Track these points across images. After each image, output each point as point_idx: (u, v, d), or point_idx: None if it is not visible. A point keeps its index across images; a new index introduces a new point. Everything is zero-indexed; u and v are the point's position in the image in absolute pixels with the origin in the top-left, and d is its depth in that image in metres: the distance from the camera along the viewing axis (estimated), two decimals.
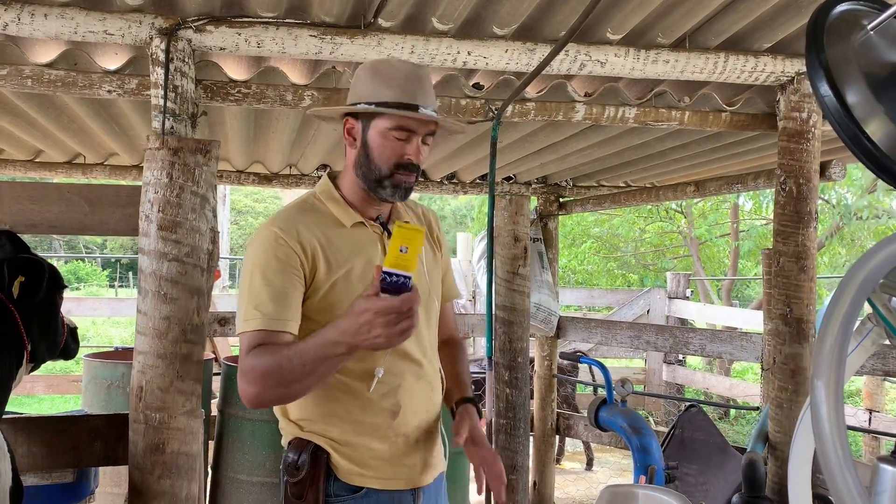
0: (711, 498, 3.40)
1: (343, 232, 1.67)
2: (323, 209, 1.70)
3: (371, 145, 1.65)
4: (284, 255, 1.58)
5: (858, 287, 0.74)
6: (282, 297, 1.56)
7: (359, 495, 1.66)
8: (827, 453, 0.73)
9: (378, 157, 1.64)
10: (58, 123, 3.29)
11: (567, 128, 3.21)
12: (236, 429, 3.87)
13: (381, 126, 1.63)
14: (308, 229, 1.63)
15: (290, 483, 1.64)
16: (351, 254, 1.65)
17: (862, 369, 3.25)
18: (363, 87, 1.66)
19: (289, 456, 1.65)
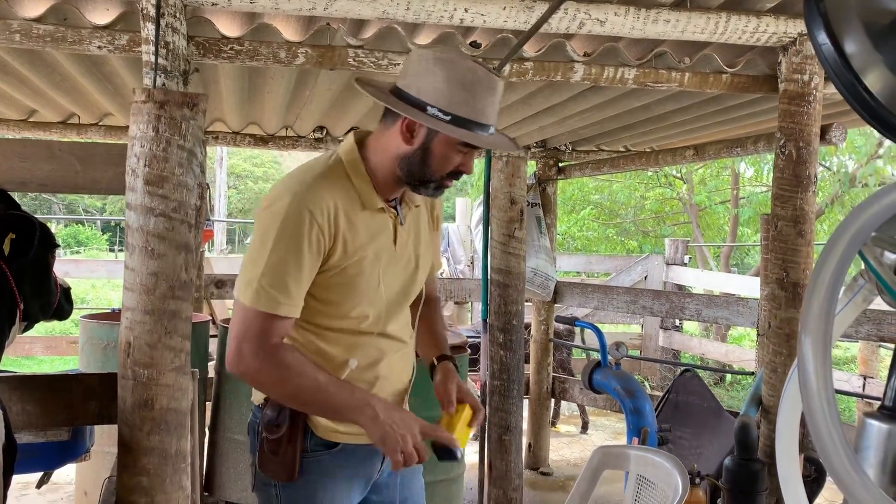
0: (704, 461, 3.43)
1: (364, 215, 1.62)
2: (347, 185, 1.61)
3: (433, 152, 1.58)
4: (315, 239, 1.53)
5: (849, 240, 0.72)
6: (302, 284, 1.54)
7: (335, 450, 1.68)
8: (813, 409, 0.73)
9: (436, 165, 1.59)
10: (50, 82, 3.24)
11: (566, 89, 3.17)
12: (233, 390, 3.89)
13: (449, 139, 1.56)
14: (334, 207, 1.57)
15: (267, 439, 1.65)
16: (367, 240, 1.62)
17: (857, 335, 3.26)
18: (437, 88, 1.53)
19: (267, 413, 1.65)
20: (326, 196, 1.56)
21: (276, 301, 1.50)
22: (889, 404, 0.80)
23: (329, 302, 1.62)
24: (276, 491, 1.69)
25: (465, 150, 1.58)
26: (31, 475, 2.87)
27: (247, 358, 1.52)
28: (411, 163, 1.59)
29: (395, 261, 1.68)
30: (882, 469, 0.78)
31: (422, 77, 1.54)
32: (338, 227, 1.56)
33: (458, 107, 1.52)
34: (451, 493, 3.79)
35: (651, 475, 2.12)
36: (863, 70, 0.82)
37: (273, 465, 1.65)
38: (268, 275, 1.49)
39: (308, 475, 1.66)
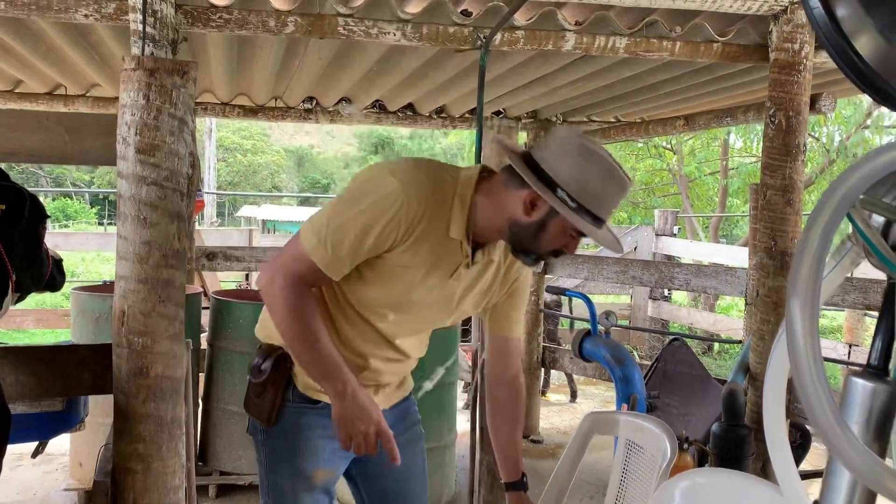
0: (692, 428, 3.48)
1: (441, 237, 1.64)
2: (447, 206, 1.63)
3: (547, 230, 1.60)
4: (392, 229, 1.57)
5: (838, 202, 0.73)
6: (357, 257, 1.60)
7: (318, 406, 1.73)
8: (800, 368, 0.74)
9: (546, 242, 1.62)
10: (35, 51, 3.20)
11: (557, 58, 3.16)
12: (226, 361, 3.91)
13: (563, 221, 1.59)
14: (422, 217, 1.59)
15: (251, 383, 1.74)
16: (428, 259, 1.65)
17: (843, 303, 3.29)
18: (572, 174, 1.56)
19: (255, 359, 1.75)
20: (423, 202, 1.58)
21: (328, 260, 1.57)
22: (873, 363, 0.82)
23: (366, 283, 1.67)
24: (261, 437, 1.77)
25: (576, 236, 1.62)
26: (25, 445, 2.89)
27: (277, 286, 1.59)
28: (523, 232, 1.62)
29: (439, 291, 1.71)
30: (866, 426, 0.80)
31: (562, 159, 1.57)
32: (413, 233, 1.59)
33: (587, 197, 1.56)
34: (444, 460, 3.84)
35: (640, 440, 2.15)
36: (853, 34, 0.82)
37: (254, 407, 1.74)
38: (335, 235, 1.55)
39: (288, 425, 1.74)
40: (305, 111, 4.45)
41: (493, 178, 1.66)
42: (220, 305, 4.02)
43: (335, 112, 4.46)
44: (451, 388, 3.89)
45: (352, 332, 1.71)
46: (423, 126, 4.75)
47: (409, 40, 2.56)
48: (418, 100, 4.30)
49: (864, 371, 0.81)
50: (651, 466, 2.07)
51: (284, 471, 1.75)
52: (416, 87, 3.84)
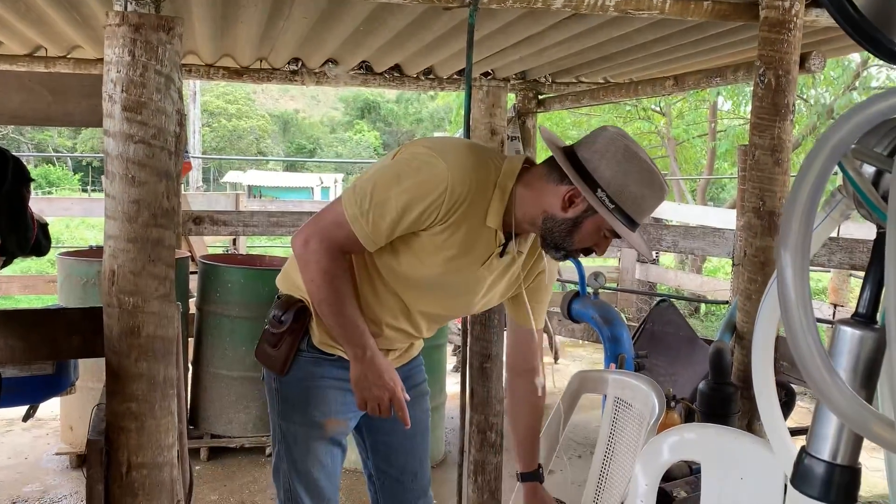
0: (679, 387, 3.53)
1: (477, 224, 1.66)
2: (487, 195, 1.65)
3: (582, 228, 1.63)
4: (433, 211, 1.59)
5: (829, 151, 0.74)
6: (393, 233, 1.62)
7: (333, 358, 1.78)
8: (790, 317, 0.75)
9: (580, 240, 1.64)
10: (14, 12, 3.13)
11: (546, 17, 3.12)
12: (215, 325, 3.91)
13: (599, 220, 1.61)
14: (463, 203, 1.61)
15: (269, 332, 1.78)
16: (461, 243, 1.66)
17: (829, 263, 3.32)
18: (615, 176, 1.58)
19: (275, 311, 1.78)
20: (466, 189, 1.60)
21: (367, 232, 1.60)
22: (861, 311, 0.83)
23: (397, 257, 1.69)
24: (275, 385, 1.81)
25: (609, 236, 1.64)
26: (16, 410, 2.89)
27: (312, 248, 1.61)
28: (557, 227, 1.64)
29: (468, 276, 1.72)
30: (854, 373, 0.81)
31: (605, 159, 1.58)
32: (453, 216, 1.61)
33: (625, 200, 1.57)
34: (433, 420, 3.88)
35: (628, 397, 2.18)
36: None
37: (268, 356, 1.78)
38: (377, 209, 1.57)
39: (302, 374, 1.77)
40: (291, 73, 4.40)
41: (534, 169, 1.69)
42: (208, 269, 4.01)
43: (321, 74, 4.41)
44: (440, 350, 3.92)
45: (374, 300, 1.74)
46: (411, 88, 4.70)
47: None
48: (406, 60, 4.25)
49: (852, 319, 0.82)
50: (639, 423, 2.10)
51: (297, 419, 1.79)
52: (403, 48, 3.80)
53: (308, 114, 41.17)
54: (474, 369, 2.88)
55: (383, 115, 36.09)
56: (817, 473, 0.83)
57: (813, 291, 3.09)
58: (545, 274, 1.88)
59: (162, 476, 1.58)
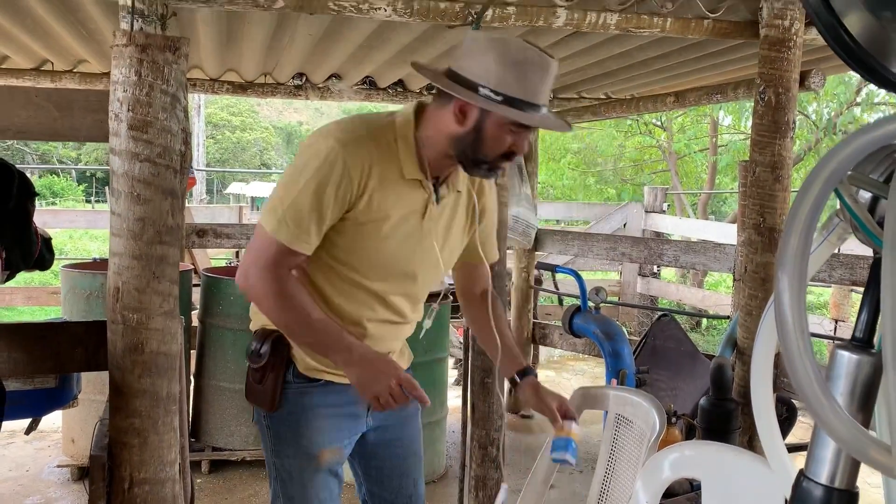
0: (680, 402, 3.53)
1: (398, 182, 1.63)
2: (393, 149, 1.63)
3: (486, 134, 1.58)
4: (344, 189, 1.56)
5: (826, 178, 0.75)
6: (321, 226, 1.58)
7: (320, 384, 1.72)
8: (788, 340, 0.76)
9: (489, 147, 1.59)
10: (22, 27, 3.17)
11: (548, 34, 3.15)
12: (217, 338, 3.92)
13: (501, 119, 1.56)
14: (370, 165, 1.59)
15: (251, 368, 1.72)
16: (393, 206, 1.63)
17: (830, 279, 3.33)
18: (489, 69, 1.54)
19: (252, 344, 1.72)
20: (366, 153, 1.58)
21: (293, 236, 1.55)
22: (859, 336, 0.84)
23: (346, 250, 1.65)
24: (266, 422, 1.75)
25: (517, 130, 1.58)
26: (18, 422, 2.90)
27: (252, 279, 1.58)
28: (464, 144, 1.60)
29: (417, 237, 1.69)
30: (851, 397, 0.82)
31: (474, 58, 1.55)
32: (368, 184, 1.59)
33: (509, 87, 1.52)
34: (435, 435, 3.88)
35: (629, 414, 2.18)
36: (843, 12, 0.83)
37: (256, 393, 1.72)
38: (292, 209, 1.53)
39: (292, 407, 1.72)
40: (295, 87, 4.43)
41: (427, 108, 1.66)
42: (210, 282, 4.02)
43: (325, 88, 4.44)
44: (441, 363, 3.92)
45: (345, 302, 1.69)
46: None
47: (400, 16, 2.55)
48: (409, 76, 4.28)
49: (849, 343, 0.83)
50: (640, 440, 2.10)
51: (290, 453, 1.74)
52: (406, 63, 3.83)
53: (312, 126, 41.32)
54: (476, 384, 2.89)
55: None
56: (815, 497, 0.83)
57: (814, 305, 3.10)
58: (486, 202, 1.85)
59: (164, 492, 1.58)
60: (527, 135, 1.61)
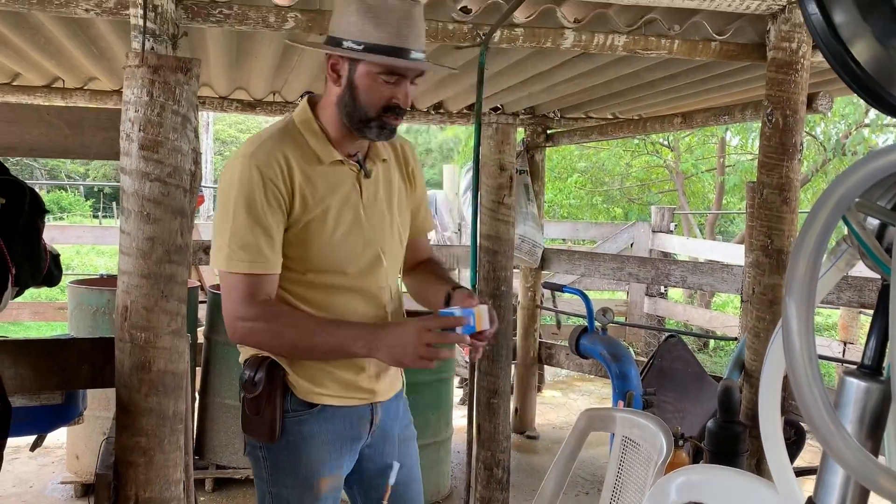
0: (688, 424, 3.51)
1: (320, 169, 1.64)
2: (301, 141, 1.65)
3: (358, 87, 1.59)
4: (271, 193, 1.56)
5: (833, 205, 0.75)
6: (270, 238, 1.56)
7: (315, 411, 1.68)
8: (796, 367, 0.76)
9: (365, 100, 1.59)
10: (34, 45, 3.20)
11: (555, 56, 3.17)
12: (223, 355, 3.92)
13: (369, 69, 1.57)
14: (287, 165, 1.60)
15: (247, 399, 1.67)
16: (327, 193, 1.63)
17: (839, 301, 3.31)
18: (350, 21, 1.57)
19: (245, 373, 1.68)
20: (277, 153, 1.59)
21: (249, 261, 1.54)
22: (867, 363, 0.83)
23: (302, 258, 1.63)
24: (261, 453, 1.71)
25: (389, 79, 1.58)
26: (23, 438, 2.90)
27: (238, 326, 1.55)
28: (345, 103, 1.61)
29: (365, 215, 1.68)
30: (860, 424, 0.81)
31: (340, 16, 1.59)
32: (293, 181, 1.59)
33: (368, 35, 1.54)
34: (440, 455, 3.86)
35: (636, 436, 2.17)
36: (850, 40, 0.84)
37: (254, 425, 1.68)
38: (235, 237, 1.52)
39: (290, 436, 1.67)
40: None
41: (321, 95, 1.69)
42: (216, 299, 4.03)
43: None
44: (446, 383, 3.91)
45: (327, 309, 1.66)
46: (421, 121, 4.75)
47: None
48: (416, 95, 4.30)
49: (858, 370, 0.82)
50: (647, 463, 2.09)
51: (289, 483, 1.70)
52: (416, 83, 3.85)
53: None
54: (481, 405, 2.88)
55: None
56: None
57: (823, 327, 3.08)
58: (413, 168, 1.85)
59: None
60: (404, 84, 1.60)
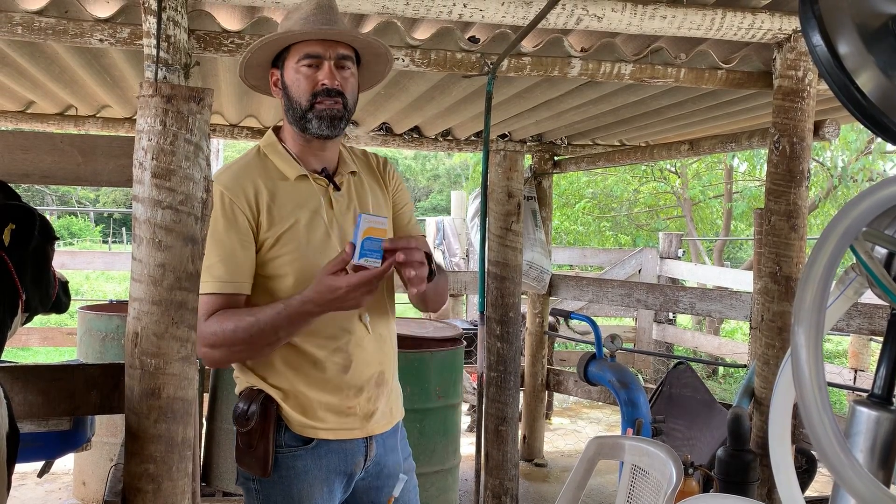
0: (697, 452, 3.48)
1: (287, 185, 1.67)
2: (267, 163, 1.70)
3: (288, 85, 1.66)
4: (231, 213, 1.60)
5: (841, 235, 0.75)
6: (231, 258, 1.60)
7: (310, 447, 1.67)
8: (805, 396, 0.76)
9: (295, 91, 1.65)
10: (49, 74, 3.25)
11: (563, 84, 3.19)
12: (230, 381, 3.91)
13: (291, 64, 1.66)
14: (252, 185, 1.64)
15: (240, 433, 1.66)
16: (295, 207, 1.66)
17: (848, 328, 3.30)
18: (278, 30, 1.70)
19: (239, 406, 1.67)
20: (242, 175, 1.65)
21: (211, 283, 1.58)
22: (877, 392, 0.83)
23: (279, 277, 1.64)
24: (254, 486, 1.70)
25: (310, 63, 1.64)
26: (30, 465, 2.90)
27: (200, 341, 1.56)
28: (287, 108, 1.68)
29: (338, 226, 1.69)
30: (871, 454, 0.81)
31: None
32: (258, 198, 1.63)
33: (281, 28, 1.69)
34: (447, 483, 3.83)
35: (646, 465, 2.15)
36: (855, 71, 0.85)
37: (248, 459, 1.66)
38: (208, 262, 1.54)
39: (283, 471, 1.66)
40: None
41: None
42: None
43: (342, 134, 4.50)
44: (454, 410, 3.89)
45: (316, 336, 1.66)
46: (429, 148, 4.79)
47: (418, 66, 2.60)
48: (425, 123, 4.34)
49: (868, 399, 0.82)
50: (656, 491, 2.07)
51: None
52: (422, 111, 3.88)
53: None
54: (490, 431, 2.86)
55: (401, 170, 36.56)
56: None
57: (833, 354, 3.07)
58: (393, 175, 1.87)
59: None
60: (325, 65, 1.64)
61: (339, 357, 1.69)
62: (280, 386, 1.68)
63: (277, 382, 1.68)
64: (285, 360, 1.68)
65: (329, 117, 1.64)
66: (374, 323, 1.75)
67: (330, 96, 1.63)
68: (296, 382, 1.68)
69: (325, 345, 1.68)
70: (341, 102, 1.65)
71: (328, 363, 1.68)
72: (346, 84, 1.66)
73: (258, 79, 1.77)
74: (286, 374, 1.68)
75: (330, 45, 1.64)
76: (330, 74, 1.63)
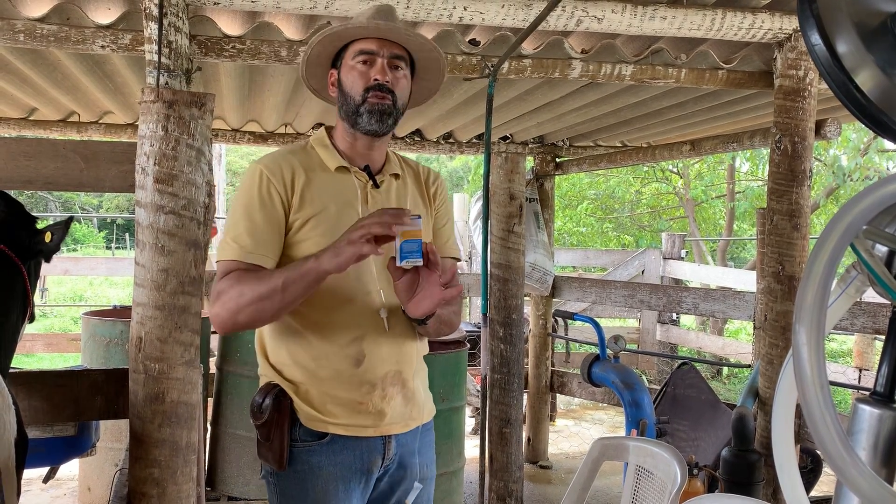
0: (702, 452, 3.47)
1: (326, 175, 1.71)
2: (311, 153, 1.74)
3: (344, 82, 1.70)
4: (266, 191, 1.63)
5: (841, 233, 0.75)
6: (259, 232, 1.62)
7: (324, 441, 1.68)
8: (808, 395, 0.76)
9: (350, 87, 1.69)
10: (51, 80, 3.26)
11: (563, 86, 3.20)
12: (235, 385, 3.92)
13: (347, 61, 1.69)
14: (290, 168, 1.68)
15: (256, 426, 1.69)
16: (329, 195, 1.69)
17: (852, 327, 3.29)
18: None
19: (255, 399, 1.69)
20: (283, 161, 1.68)
21: (235, 249, 1.59)
22: (880, 390, 0.83)
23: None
24: (272, 479, 1.71)
25: (364, 59, 1.68)
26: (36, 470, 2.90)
27: (213, 300, 1.56)
28: (341, 104, 1.71)
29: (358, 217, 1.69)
30: (874, 452, 0.81)
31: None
32: (294, 180, 1.66)
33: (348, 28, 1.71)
34: (452, 486, 3.83)
35: (650, 466, 2.15)
36: (854, 69, 0.85)
37: (265, 451, 1.69)
38: (230, 230, 1.59)
39: (298, 466, 1.68)
40: None
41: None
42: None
43: None
44: (458, 412, 3.89)
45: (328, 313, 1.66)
46: (431, 151, 4.80)
47: None
48: (426, 125, 4.35)
49: (870, 397, 0.82)
50: (661, 492, 2.07)
51: None
52: (424, 114, 3.89)
53: None
54: (493, 434, 2.86)
55: None
56: None
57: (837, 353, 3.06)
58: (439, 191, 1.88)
59: None
60: (378, 62, 1.68)
61: (353, 350, 1.69)
62: (293, 379, 1.69)
63: (291, 376, 1.70)
64: (298, 353, 1.69)
65: (379, 111, 1.68)
66: (394, 323, 1.74)
67: (381, 91, 1.68)
68: (308, 375, 1.69)
69: (339, 337, 1.68)
70: (391, 99, 1.69)
71: (341, 355, 1.68)
72: (397, 83, 1.71)
73: (318, 80, 1.81)
74: (299, 367, 1.69)
75: (385, 44, 1.69)
76: (382, 70, 1.68)
